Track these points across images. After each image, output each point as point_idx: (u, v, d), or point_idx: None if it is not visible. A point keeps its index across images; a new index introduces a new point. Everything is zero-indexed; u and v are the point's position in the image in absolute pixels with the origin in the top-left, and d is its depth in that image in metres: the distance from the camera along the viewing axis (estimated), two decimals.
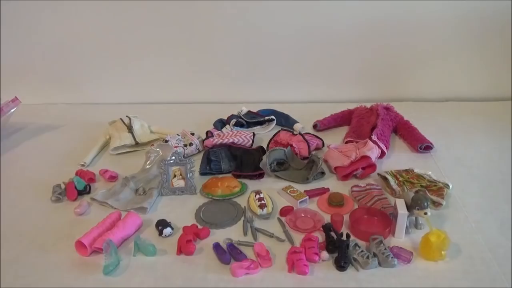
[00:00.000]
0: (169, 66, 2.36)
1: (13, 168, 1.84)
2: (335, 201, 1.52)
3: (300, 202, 1.52)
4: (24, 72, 2.40)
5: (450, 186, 1.57)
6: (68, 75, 2.40)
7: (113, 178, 1.72)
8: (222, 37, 2.27)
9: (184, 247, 1.31)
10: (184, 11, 2.20)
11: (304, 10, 2.16)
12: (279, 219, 1.48)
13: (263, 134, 2.05)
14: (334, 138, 1.96)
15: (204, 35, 2.26)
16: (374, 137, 1.78)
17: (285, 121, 2.11)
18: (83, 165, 1.82)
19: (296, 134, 1.89)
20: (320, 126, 2.06)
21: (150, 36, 2.28)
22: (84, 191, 1.63)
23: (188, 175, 1.61)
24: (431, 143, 1.84)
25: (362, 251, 1.28)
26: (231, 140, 1.87)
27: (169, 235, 1.40)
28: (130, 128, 1.97)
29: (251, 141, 1.90)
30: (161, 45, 2.30)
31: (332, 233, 1.34)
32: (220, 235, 1.40)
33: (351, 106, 2.14)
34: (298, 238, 1.37)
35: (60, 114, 2.34)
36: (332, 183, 1.65)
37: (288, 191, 1.57)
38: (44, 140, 2.08)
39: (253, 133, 1.96)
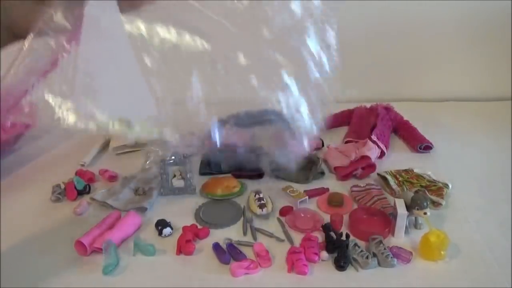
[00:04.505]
0: (169, 66, 2.36)
1: (13, 168, 1.84)
2: (335, 201, 1.52)
3: (300, 202, 1.52)
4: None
5: (450, 186, 1.57)
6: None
7: (113, 178, 1.72)
8: (222, 37, 2.26)
9: (184, 247, 1.31)
10: (184, 11, 2.19)
11: None
12: (278, 219, 1.48)
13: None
14: (334, 138, 1.96)
15: (204, 35, 2.26)
16: (373, 137, 1.78)
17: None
18: (83, 165, 1.82)
19: None
20: None
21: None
22: (84, 191, 1.63)
23: (188, 175, 1.61)
24: (430, 143, 1.84)
25: (361, 251, 1.27)
26: (231, 140, 1.87)
27: (168, 235, 1.40)
28: None
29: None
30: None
31: (332, 233, 1.34)
32: (219, 235, 1.40)
33: (351, 106, 2.14)
34: (297, 238, 1.37)
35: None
36: (331, 183, 1.65)
37: (288, 191, 1.57)
38: (44, 140, 2.08)
39: (253, 133, 1.95)
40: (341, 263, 1.24)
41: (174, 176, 1.62)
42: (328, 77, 1.33)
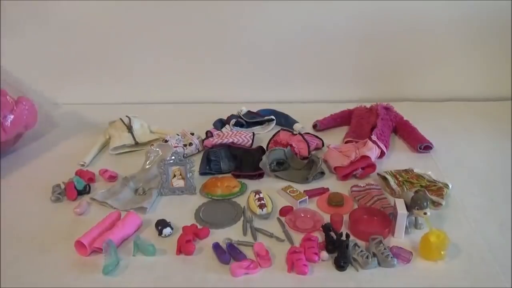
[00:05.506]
0: (169, 66, 2.36)
1: (13, 168, 1.84)
2: (335, 201, 1.52)
3: (300, 202, 1.52)
4: (24, 72, 2.40)
5: (450, 186, 1.57)
6: (68, 75, 2.40)
7: (112, 178, 1.72)
8: (222, 37, 2.27)
9: (184, 247, 1.32)
10: (184, 11, 2.20)
11: (304, 10, 2.16)
12: (278, 219, 1.48)
13: (263, 134, 2.05)
14: (334, 138, 1.96)
15: (204, 35, 2.26)
16: (373, 137, 1.78)
17: (285, 121, 2.11)
18: (83, 165, 1.82)
19: (296, 134, 1.89)
20: (320, 126, 2.06)
21: (150, 36, 2.28)
22: (84, 191, 1.63)
23: (188, 175, 1.61)
24: (430, 143, 1.84)
25: (361, 251, 1.28)
26: (231, 140, 1.87)
27: (168, 235, 1.40)
28: (130, 128, 1.97)
29: (251, 141, 1.90)
30: (161, 45, 2.30)
31: (332, 233, 1.34)
32: (219, 235, 1.40)
33: (351, 106, 2.14)
34: (297, 238, 1.37)
35: (60, 114, 2.34)
36: (331, 183, 1.65)
37: (288, 191, 1.57)
38: (44, 140, 2.08)
39: (253, 133, 1.96)
40: (341, 263, 1.24)
41: (174, 176, 1.62)
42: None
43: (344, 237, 1.31)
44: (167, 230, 1.39)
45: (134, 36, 2.28)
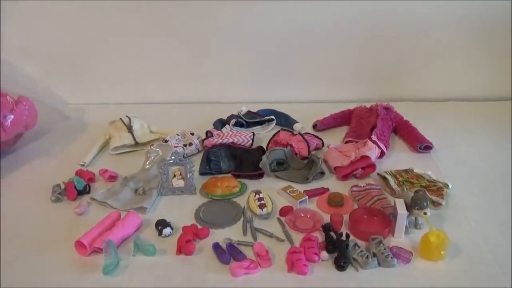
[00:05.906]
0: (169, 66, 2.36)
1: (13, 168, 1.84)
2: (335, 201, 1.52)
3: (300, 202, 1.52)
4: (24, 72, 2.40)
5: (450, 186, 1.57)
6: (67, 75, 2.40)
7: (112, 178, 1.72)
8: (222, 37, 2.27)
9: (184, 247, 1.32)
10: (184, 12, 2.20)
11: (304, 10, 2.16)
12: (278, 219, 1.48)
13: (263, 134, 2.05)
14: (334, 138, 1.96)
15: (204, 35, 2.26)
16: (373, 137, 1.78)
17: (285, 121, 2.11)
18: (82, 165, 1.82)
19: (296, 134, 1.89)
20: (320, 126, 2.06)
21: (150, 36, 2.27)
22: (84, 191, 1.63)
23: (188, 175, 1.61)
24: (430, 143, 1.84)
25: (361, 251, 1.28)
26: (231, 140, 1.87)
27: (168, 235, 1.40)
28: (130, 128, 1.97)
29: (251, 141, 1.90)
30: (161, 45, 2.30)
31: (332, 233, 1.34)
32: (219, 235, 1.40)
33: (351, 106, 2.14)
34: (297, 238, 1.37)
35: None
36: (331, 183, 1.65)
37: (288, 191, 1.57)
38: (44, 140, 2.08)
39: (253, 133, 1.96)
40: (341, 263, 1.24)
41: (174, 176, 1.62)
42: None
43: (344, 237, 1.31)
44: (167, 230, 1.40)
45: (134, 36, 2.28)
